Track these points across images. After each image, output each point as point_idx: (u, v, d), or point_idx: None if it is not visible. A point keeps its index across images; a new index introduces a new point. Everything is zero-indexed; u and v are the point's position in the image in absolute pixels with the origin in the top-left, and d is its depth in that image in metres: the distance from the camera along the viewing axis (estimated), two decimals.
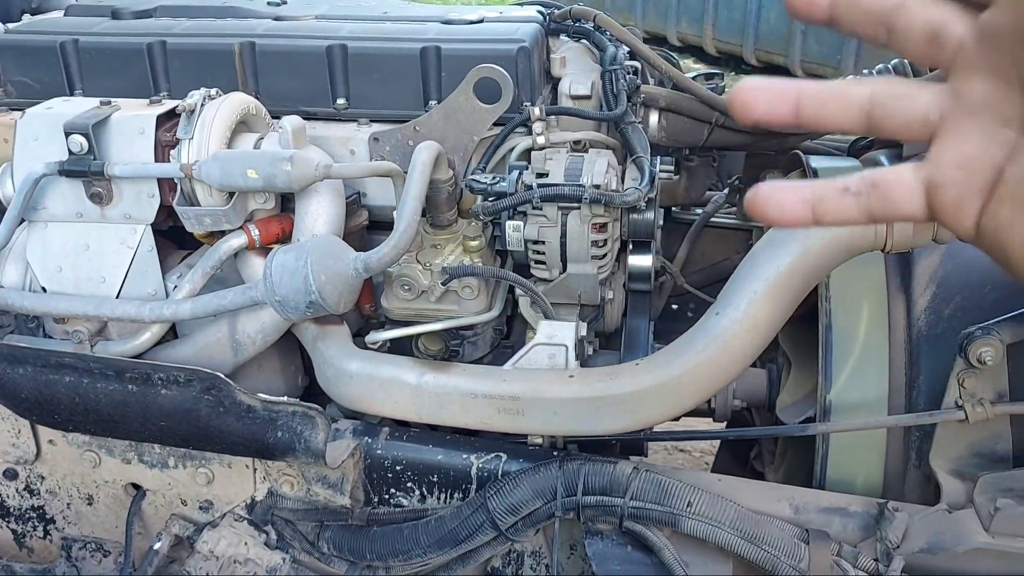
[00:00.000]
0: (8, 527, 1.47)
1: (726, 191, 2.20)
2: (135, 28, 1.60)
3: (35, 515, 1.45)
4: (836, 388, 1.33)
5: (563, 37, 1.69)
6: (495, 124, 1.42)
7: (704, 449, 3.16)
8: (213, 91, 1.35)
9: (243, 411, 1.15)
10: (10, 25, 1.69)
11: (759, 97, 0.50)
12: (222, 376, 1.14)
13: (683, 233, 2.11)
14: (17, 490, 1.43)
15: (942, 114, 0.46)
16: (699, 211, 2.17)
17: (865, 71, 1.87)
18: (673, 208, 2.18)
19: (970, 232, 0.47)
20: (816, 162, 1.58)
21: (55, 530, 1.46)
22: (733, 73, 8.13)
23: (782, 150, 1.90)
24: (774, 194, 0.49)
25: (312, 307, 1.20)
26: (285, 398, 1.18)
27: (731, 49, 8.19)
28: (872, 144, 1.82)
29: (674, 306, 2.12)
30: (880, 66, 1.88)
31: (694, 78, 1.73)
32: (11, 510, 1.45)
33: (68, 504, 1.43)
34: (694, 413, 1.93)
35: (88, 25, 1.62)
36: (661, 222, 1.63)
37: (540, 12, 1.66)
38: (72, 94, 1.58)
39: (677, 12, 8.70)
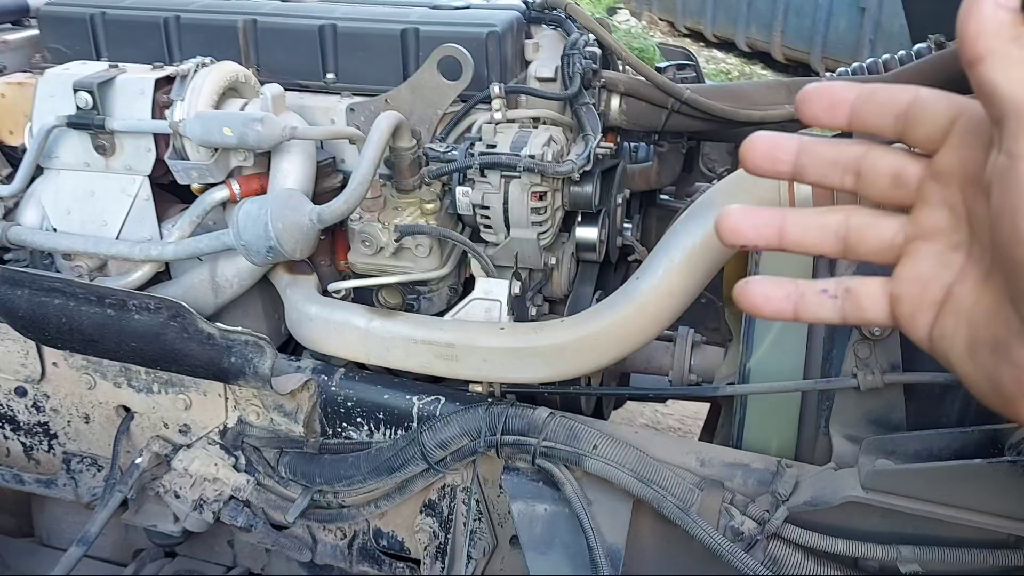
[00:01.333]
0: (19, 440, 1.67)
1: (715, 182, 2.29)
2: (156, 4, 1.78)
3: (41, 430, 1.64)
4: (755, 357, 1.42)
5: (544, 25, 1.82)
6: (460, 100, 1.55)
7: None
8: (207, 59, 1.51)
9: (204, 338, 1.31)
10: None
11: (746, 222, 0.55)
12: (186, 305, 1.30)
13: (671, 220, 2.21)
14: (26, 407, 1.62)
15: (906, 238, 0.53)
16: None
17: (840, 69, 1.95)
18: (663, 196, 2.28)
19: (924, 341, 0.54)
20: None
21: (58, 445, 1.65)
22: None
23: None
24: (762, 286, 0.56)
25: (272, 252, 1.35)
26: (239, 328, 1.33)
27: (799, 56, 8.16)
28: (839, 136, 1.90)
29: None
30: (855, 64, 1.96)
31: (666, 67, 1.84)
32: (21, 425, 1.65)
33: (69, 422, 1.62)
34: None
35: (116, 0, 1.81)
36: (620, 200, 1.74)
37: (525, 1, 1.79)
38: (98, 61, 1.77)
39: (747, 18, 8.69)
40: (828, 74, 1.83)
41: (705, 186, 2.26)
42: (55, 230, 1.55)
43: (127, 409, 1.57)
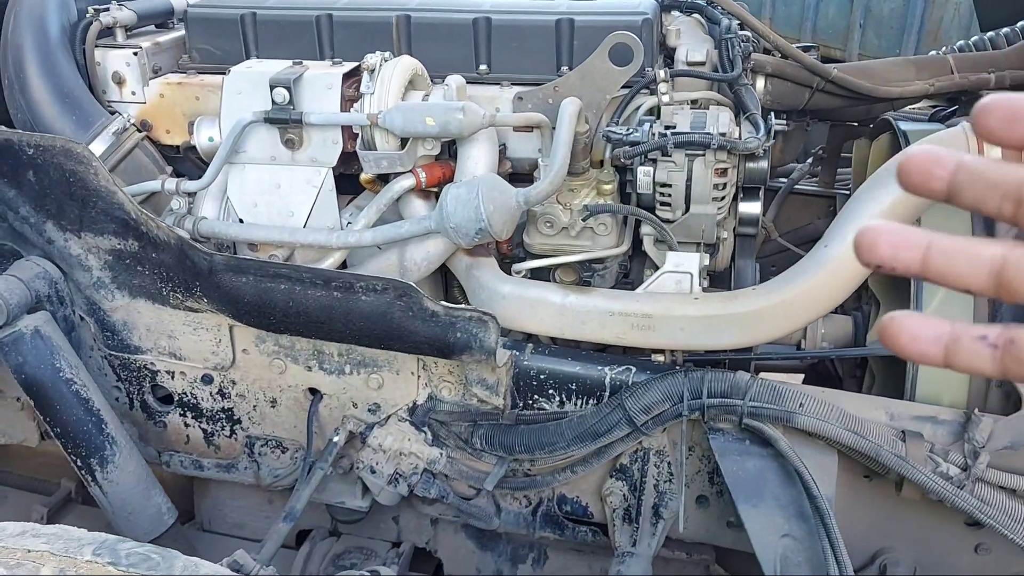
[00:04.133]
0: (200, 427, 1.73)
1: (809, 161, 2.38)
2: (303, 3, 1.84)
3: (224, 416, 1.70)
4: None
5: (675, 12, 1.90)
6: (623, 85, 1.63)
7: None
8: (386, 54, 1.58)
9: (428, 315, 1.38)
10: (192, 0, 1.95)
11: (884, 240, 0.48)
12: (413, 285, 1.37)
13: (770, 199, 2.30)
14: (211, 394, 1.68)
15: None
16: (783, 180, 2.37)
17: (945, 47, 2.05)
18: None
19: None
20: (906, 126, 1.76)
21: (240, 429, 1.71)
22: None
23: (865, 120, 2.09)
24: (911, 323, 0.48)
25: (480, 233, 1.43)
26: (462, 305, 1.40)
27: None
28: (955, 112, 2.00)
29: (772, 267, 2.31)
30: (960, 43, 2.05)
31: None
32: (204, 411, 1.71)
33: (254, 407, 1.68)
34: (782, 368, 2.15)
35: (261, 0, 1.87)
36: None
37: None
38: (248, 59, 1.82)
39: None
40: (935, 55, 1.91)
41: (801, 165, 2.37)
42: (241, 221, 1.62)
43: (314, 391, 1.64)
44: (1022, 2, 2.20)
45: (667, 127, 1.51)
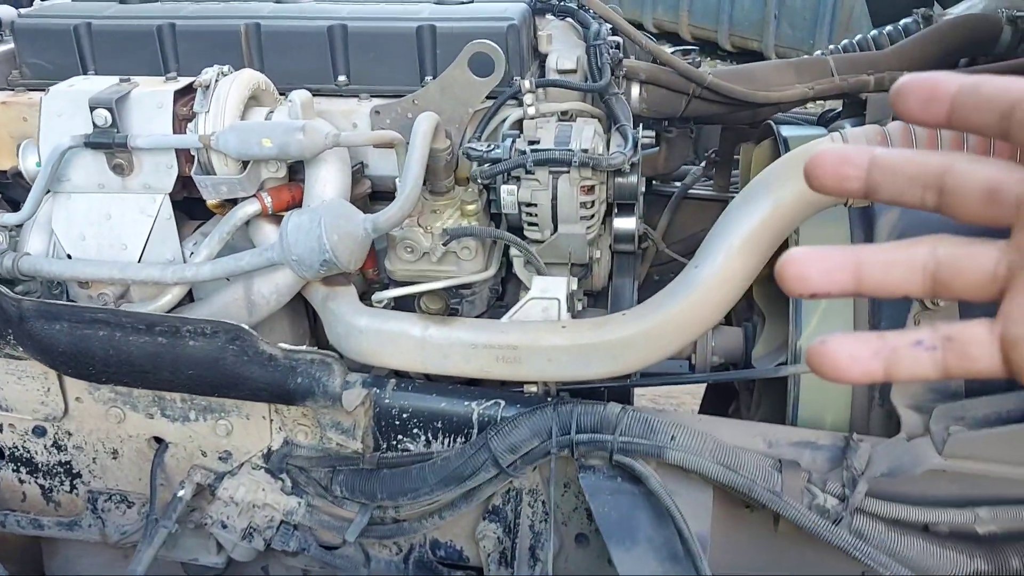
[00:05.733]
0: (36, 483, 1.57)
1: (703, 164, 2.32)
2: (144, 12, 1.69)
3: (62, 470, 1.55)
4: (806, 335, 1.45)
5: (549, 16, 1.80)
6: (487, 97, 1.52)
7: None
8: (225, 68, 1.44)
9: (265, 359, 1.25)
10: (22, 10, 1.77)
11: (812, 268, 0.48)
12: (246, 327, 1.24)
13: (663, 205, 2.23)
14: (45, 446, 1.53)
15: (1010, 268, 0.45)
16: (678, 184, 2.30)
17: (831, 47, 2.00)
18: (653, 181, 2.30)
19: None
20: (787, 131, 1.69)
21: (81, 484, 1.55)
22: (709, 58, 8.27)
23: (754, 123, 2.02)
24: (845, 345, 0.47)
25: (325, 265, 1.30)
26: (304, 347, 1.28)
27: (706, 35, 8.34)
28: (840, 115, 1.95)
29: (656, 277, 2.24)
30: (845, 41, 2.01)
31: (672, 52, 1.84)
32: (39, 466, 1.55)
33: (94, 459, 1.52)
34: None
35: (98, 9, 1.70)
36: (643, 190, 1.75)
37: None
38: (85, 75, 1.66)
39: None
40: (826, 51, 1.86)
41: (694, 169, 2.30)
42: (69, 257, 1.46)
43: (159, 440, 1.49)
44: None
45: (530, 142, 1.41)
